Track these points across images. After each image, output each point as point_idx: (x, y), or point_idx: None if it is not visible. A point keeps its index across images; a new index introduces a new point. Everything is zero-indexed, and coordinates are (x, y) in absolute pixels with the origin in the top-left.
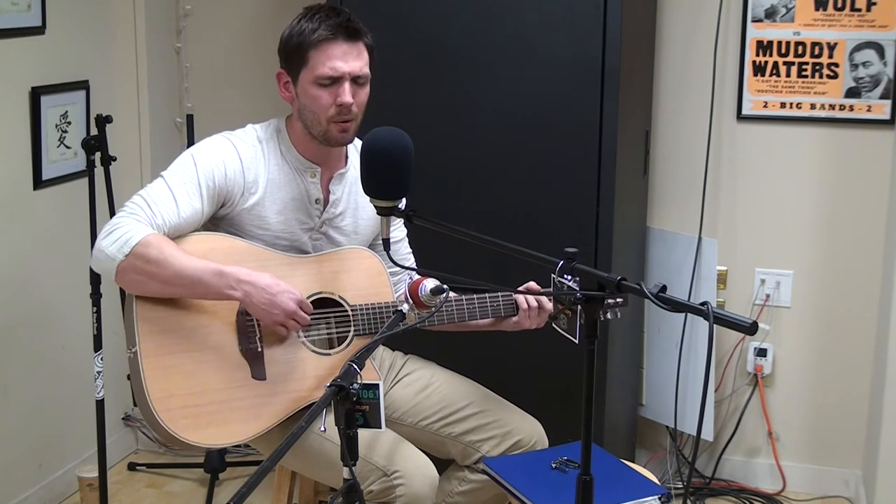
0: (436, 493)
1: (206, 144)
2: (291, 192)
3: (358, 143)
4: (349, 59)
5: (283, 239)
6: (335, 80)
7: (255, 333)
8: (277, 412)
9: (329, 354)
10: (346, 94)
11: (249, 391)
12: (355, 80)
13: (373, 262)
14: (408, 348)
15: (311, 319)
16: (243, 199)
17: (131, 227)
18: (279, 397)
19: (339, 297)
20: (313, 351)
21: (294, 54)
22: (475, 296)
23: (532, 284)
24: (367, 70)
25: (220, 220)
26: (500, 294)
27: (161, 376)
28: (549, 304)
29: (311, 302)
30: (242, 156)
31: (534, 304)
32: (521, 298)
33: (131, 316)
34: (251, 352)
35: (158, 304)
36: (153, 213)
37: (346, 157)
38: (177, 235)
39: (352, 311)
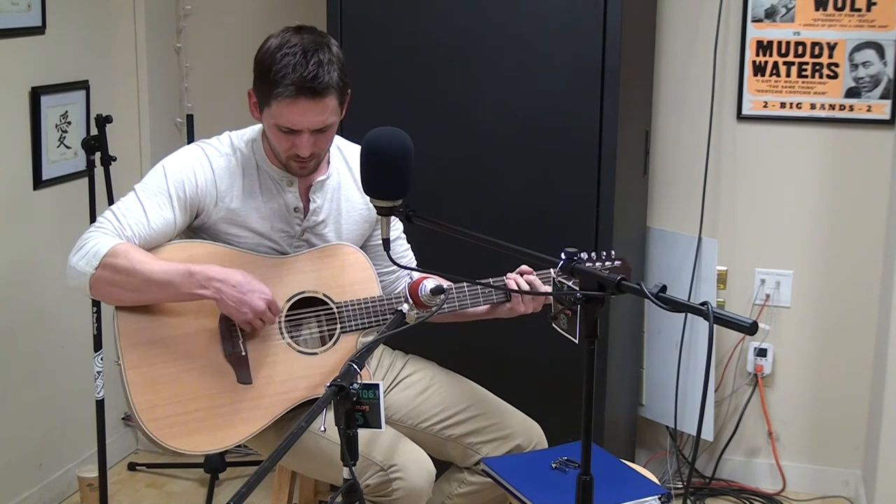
0: (433, 486)
1: (178, 155)
2: (268, 201)
3: (343, 146)
4: (309, 115)
5: (264, 246)
6: (294, 131)
7: (239, 338)
8: (265, 415)
9: (315, 354)
10: (303, 147)
11: (236, 396)
12: (316, 130)
13: (357, 258)
14: (408, 348)
15: (299, 319)
16: (217, 208)
17: (99, 240)
18: (266, 400)
19: (324, 295)
20: (299, 351)
21: (260, 89)
22: (466, 285)
23: (525, 268)
24: (330, 119)
25: (198, 229)
26: (491, 280)
27: (145, 387)
28: (542, 287)
29: (297, 302)
30: (214, 165)
31: (524, 286)
32: (511, 282)
33: (114, 327)
34: (235, 357)
35: (139, 315)
36: (122, 226)
37: (328, 164)
38: (150, 247)
39: (337, 308)
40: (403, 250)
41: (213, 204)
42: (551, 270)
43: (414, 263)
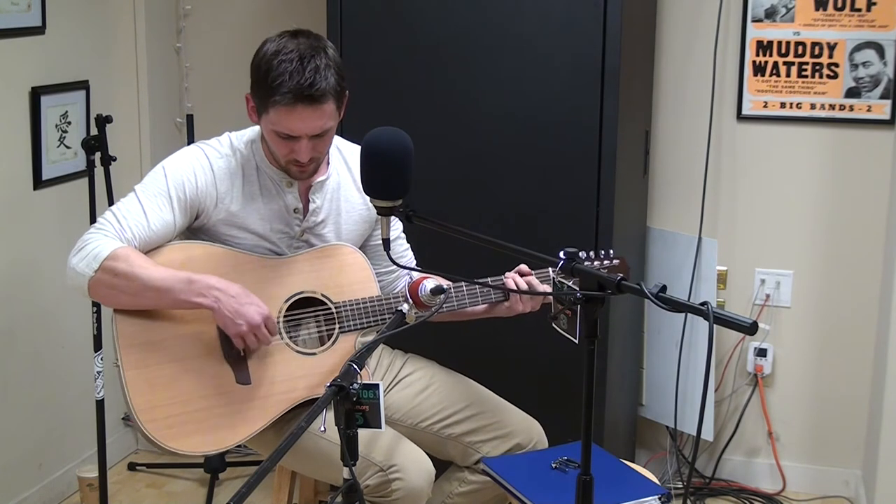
0: (432, 486)
1: (178, 156)
2: (268, 202)
3: (342, 147)
4: (308, 122)
5: (262, 247)
6: (293, 137)
7: None
8: (264, 415)
9: (314, 354)
10: (302, 152)
11: (234, 396)
12: (315, 135)
13: (355, 258)
14: (408, 347)
15: (298, 320)
16: (217, 210)
17: (100, 243)
18: (265, 400)
19: (322, 295)
20: (297, 352)
21: (258, 94)
22: (464, 284)
23: (523, 268)
24: (329, 124)
25: (197, 230)
26: (490, 280)
27: (144, 388)
28: (540, 286)
29: (295, 302)
30: (214, 167)
31: (523, 285)
32: (509, 281)
33: (113, 329)
34: (234, 357)
35: (138, 316)
36: (122, 228)
37: (328, 164)
38: (150, 248)
39: (335, 308)
40: (403, 250)
41: (214, 205)
42: (550, 270)
43: (413, 263)
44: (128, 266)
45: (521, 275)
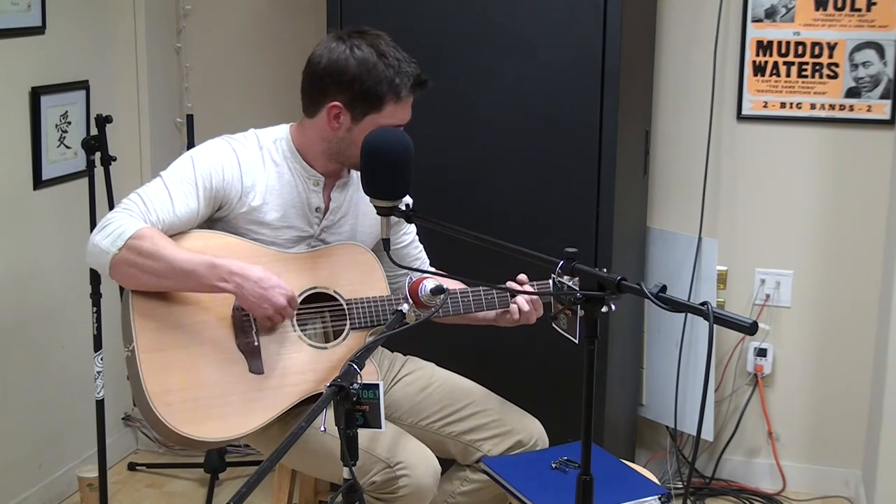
0: (438, 483)
1: (206, 147)
2: (291, 199)
3: None
4: (411, 107)
5: (279, 246)
6: (399, 126)
7: (252, 328)
8: (275, 406)
9: (326, 348)
10: None
11: (247, 385)
12: None
13: (367, 258)
14: (408, 348)
15: (307, 314)
16: (240, 203)
17: (125, 221)
18: (277, 391)
19: (334, 291)
20: (310, 345)
21: (367, 96)
22: (470, 290)
23: (522, 277)
24: None
25: (217, 222)
26: (494, 287)
27: (158, 371)
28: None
29: (307, 297)
30: (241, 160)
31: (526, 307)
32: (519, 301)
33: (128, 312)
34: (248, 346)
35: (155, 300)
36: (148, 210)
37: None
38: (172, 234)
39: (347, 305)
40: (418, 252)
41: (237, 198)
42: (550, 278)
43: (427, 264)
44: (152, 245)
45: (520, 284)
